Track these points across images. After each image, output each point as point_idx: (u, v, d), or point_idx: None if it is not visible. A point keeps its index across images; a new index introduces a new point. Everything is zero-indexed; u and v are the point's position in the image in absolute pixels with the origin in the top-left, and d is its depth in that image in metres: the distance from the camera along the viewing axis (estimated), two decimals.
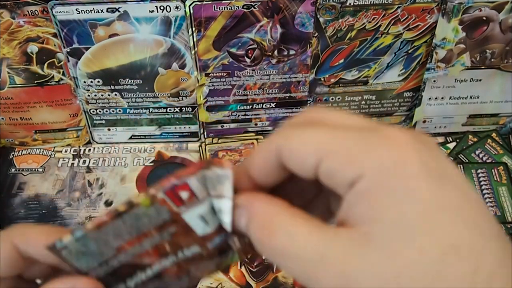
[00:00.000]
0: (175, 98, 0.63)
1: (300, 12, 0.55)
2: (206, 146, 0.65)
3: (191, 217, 0.22)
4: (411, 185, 0.17)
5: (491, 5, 0.55)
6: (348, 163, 0.18)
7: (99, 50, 0.58)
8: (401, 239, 0.17)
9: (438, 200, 0.17)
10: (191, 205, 0.22)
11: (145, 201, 0.21)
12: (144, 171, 0.64)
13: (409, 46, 0.59)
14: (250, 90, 0.63)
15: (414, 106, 0.65)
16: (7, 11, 0.54)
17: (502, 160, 0.62)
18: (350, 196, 0.18)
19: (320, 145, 0.19)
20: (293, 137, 0.20)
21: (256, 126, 0.67)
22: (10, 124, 0.65)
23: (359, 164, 0.18)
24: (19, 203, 0.61)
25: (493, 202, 0.58)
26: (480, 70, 0.60)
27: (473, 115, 0.65)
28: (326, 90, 0.63)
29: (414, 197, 0.17)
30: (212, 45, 0.58)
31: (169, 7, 0.54)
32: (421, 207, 0.17)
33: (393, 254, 0.16)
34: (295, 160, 0.20)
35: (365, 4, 0.55)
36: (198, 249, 0.23)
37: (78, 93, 0.62)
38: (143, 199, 0.21)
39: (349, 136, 0.19)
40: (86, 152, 0.67)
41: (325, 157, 0.19)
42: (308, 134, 0.20)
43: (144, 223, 0.22)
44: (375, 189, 0.17)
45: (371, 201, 0.17)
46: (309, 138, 0.20)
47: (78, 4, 0.54)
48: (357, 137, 0.19)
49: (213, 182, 0.21)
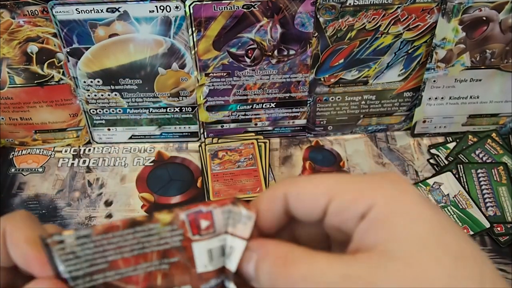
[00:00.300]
0: (175, 98, 0.63)
1: (300, 12, 0.55)
2: (206, 146, 0.65)
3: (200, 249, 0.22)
4: (417, 209, 0.20)
5: (491, 5, 0.55)
6: (358, 198, 0.21)
7: (99, 50, 0.58)
8: (417, 251, 0.19)
9: (440, 221, 0.20)
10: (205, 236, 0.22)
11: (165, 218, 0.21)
12: (144, 171, 0.64)
13: (409, 46, 0.59)
14: (250, 90, 0.63)
15: (414, 106, 0.65)
16: (7, 11, 0.54)
17: (502, 160, 0.62)
18: (363, 226, 0.21)
19: (330, 185, 0.22)
20: (300, 183, 0.23)
21: (256, 126, 0.67)
22: (10, 124, 0.65)
23: (370, 197, 0.21)
24: (19, 203, 0.61)
25: (493, 202, 0.58)
26: (480, 70, 0.60)
27: (473, 115, 0.65)
28: (326, 90, 0.63)
29: (422, 218, 0.20)
30: (212, 45, 0.58)
31: (169, 7, 0.54)
32: (429, 226, 0.20)
33: (412, 263, 0.19)
34: (304, 202, 0.22)
35: (365, 4, 0.55)
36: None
37: (78, 93, 0.62)
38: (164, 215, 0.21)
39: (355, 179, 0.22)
40: (86, 152, 0.67)
41: (336, 196, 0.21)
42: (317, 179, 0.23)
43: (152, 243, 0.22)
44: (387, 214, 0.20)
45: (384, 224, 0.20)
46: (319, 181, 0.22)
47: (78, 4, 0.54)
48: (361, 179, 0.22)
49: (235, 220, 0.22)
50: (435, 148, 0.65)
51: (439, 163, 0.64)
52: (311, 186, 0.22)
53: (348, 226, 0.21)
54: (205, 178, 0.62)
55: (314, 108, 0.65)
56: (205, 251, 0.22)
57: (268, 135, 0.68)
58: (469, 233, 0.56)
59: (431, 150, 0.65)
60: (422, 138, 0.68)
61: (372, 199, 0.21)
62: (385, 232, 0.20)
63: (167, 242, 0.22)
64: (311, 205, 0.22)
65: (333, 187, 0.22)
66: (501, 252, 0.55)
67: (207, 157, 0.64)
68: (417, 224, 0.20)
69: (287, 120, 0.67)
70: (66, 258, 0.21)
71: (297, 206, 0.23)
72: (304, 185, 0.23)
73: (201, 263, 0.22)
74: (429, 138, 0.68)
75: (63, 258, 0.21)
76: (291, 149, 0.67)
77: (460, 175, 0.61)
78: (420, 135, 0.68)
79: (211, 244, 0.22)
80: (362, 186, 0.21)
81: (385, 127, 0.68)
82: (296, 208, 0.23)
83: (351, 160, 0.65)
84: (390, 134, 0.69)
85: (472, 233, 0.56)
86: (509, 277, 0.52)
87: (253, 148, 0.65)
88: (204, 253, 0.22)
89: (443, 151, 0.65)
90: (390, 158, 0.65)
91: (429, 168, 0.64)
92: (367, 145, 0.67)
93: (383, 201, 0.21)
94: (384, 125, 0.68)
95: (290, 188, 0.23)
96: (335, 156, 0.66)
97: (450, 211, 0.58)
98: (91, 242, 0.21)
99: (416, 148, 0.67)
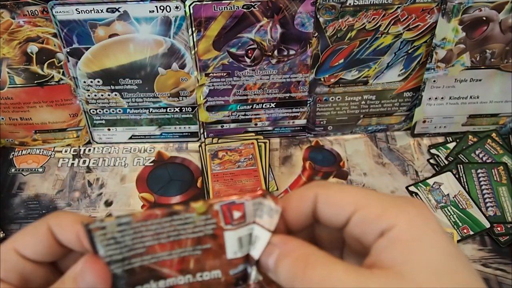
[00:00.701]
0: (175, 98, 0.63)
1: (300, 12, 0.55)
2: (206, 146, 0.65)
3: (231, 237, 0.24)
4: (435, 238, 0.22)
5: (491, 5, 0.55)
6: (383, 215, 0.22)
7: (99, 50, 0.58)
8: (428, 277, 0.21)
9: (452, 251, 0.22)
10: (237, 225, 0.24)
11: (201, 207, 0.23)
12: (144, 171, 0.64)
13: (409, 46, 0.59)
14: (250, 90, 0.63)
15: (414, 106, 0.65)
16: (7, 11, 0.54)
17: (502, 160, 0.62)
18: (382, 243, 0.22)
19: (358, 197, 0.23)
20: (332, 187, 0.24)
21: (256, 126, 0.67)
22: (10, 124, 0.65)
23: (393, 217, 0.22)
24: (19, 203, 0.61)
25: (493, 202, 0.58)
26: (480, 70, 0.60)
27: (473, 115, 0.65)
28: (326, 90, 0.63)
29: (437, 247, 0.22)
30: (212, 45, 0.58)
31: (169, 7, 0.54)
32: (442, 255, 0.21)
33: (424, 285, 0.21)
34: (332, 206, 0.24)
35: (365, 4, 0.55)
36: (219, 275, 0.24)
37: (78, 93, 0.62)
38: (200, 205, 0.23)
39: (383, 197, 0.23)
40: (86, 152, 0.67)
41: (361, 208, 0.23)
42: (347, 188, 0.24)
43: (187, 230, 0.23)
44: (407, 237, 0.22)
45: (403, 246, 0.21)
46: (350, 190, 0.24)
47: (78, 4, 0.54)
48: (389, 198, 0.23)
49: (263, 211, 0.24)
50: (435, 148, 0.65)
51: (439, 163, 0.64)
52: (342, 193, 0.24)
53: (366, 239, 0.23)
54: (205, 178, 0.62)
55: (314, 108, 0.65)
56: (236, 239, 0.24)
57: (268, 135, 0.68)
58: (469, 233, 0.56)
59: (431, 150, 0.65)
60: (422, 138, 0.68)
61: (394, 219, 0.22)
62: (402, 254, 0.21)
63: (201, 230, 0.23)
64: (337, 211, 0.23)
65: (361, 199, 0.23)
66: (501, 252, 0.55)
67: (207, 157, 0.64)
68: (432, 252, 0.21)
69: (287, 120, 0.67)
70: (107, 243, 0.22)
71: (324, 209, 0.24)
72: (335, 190, 0.24)
73: (231, 250, 0.24)
74: (429, 138, 0.68)
75: (104, 243, 0.22)
76: (291, 149, 0.67)
77: (460, 175, 0.61)
78: (420, 135, 0.68)
79: (241, 232, 0.24)
80: (388, 205, 0.23)
81: (385, 127, 0.68)
82: (323, 211, 0.24)
83: (351, 160, 0.65)
84: (390, 134, 0.69)
85: (472, 233, 0.56)
86: (509, 277, 0.52)
87: (253, 148, 0.65)
88: (235, 241, 0.24)
89: (443, 151, 0.65)
90: (390, 158, 0.65)
91: (429, 168, 0.64)
92: (367, 145, 0.67)
93: (404, 224, 0.22)
94: (384, 125, 0.68)
95: (321, 190, 0.24)
96: (335, 156, 0.66)
97: (450, 211, 0.58)
98: (131, 228, 0.23)
99: (416, 148, 0.67)
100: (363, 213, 0.23)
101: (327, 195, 0.24)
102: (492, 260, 0.54)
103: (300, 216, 0.25)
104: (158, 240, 0.23)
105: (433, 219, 0.23)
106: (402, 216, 0.22)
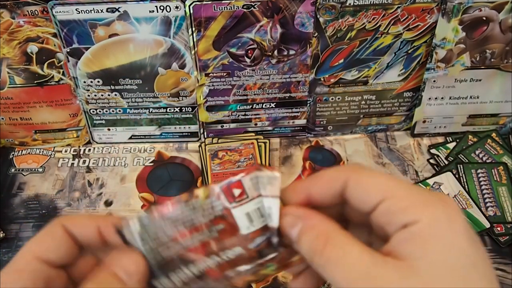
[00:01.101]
0: (175, 98, 0.63)
1: (300, 12, 0.55)
2: (206, 146, 0.65)
3: (239, 214, 0.25)
4: (457, 240, 0.22)
5: (491, 5, 0.55)
6: (408, 209, 0.22)
7: (99, 50, 0.58)
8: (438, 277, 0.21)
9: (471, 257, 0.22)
10: (240, 202, 0.25)
11: (204, 192, 0.25)
12: (144, 171, 0.64)
13: (409, 46, 0.59)
14: (250, 90, 0.63)
15: (414, 106, 0.65)
16: (7, 11, 0.54)
17: (502, 160, 0.62)
18: (402, 235, 0.22)
19: (386, 186, 0.23)
20: (364, 172, 0.24)
21: (256, 126, 0.67)
22: (10, 124, 0.65)
23: (418, 212, 0.22)
24: (19, 203, 0.61)
25: (493, 202, 0.58)
26: (480, 70, 0.60)
27: (473, 115, 0.65)
28: (326, 90, 0.63)
29: (457, 249, 0.21)
30: (212, 45, 0.58)
31: (169, 7, 0.54)
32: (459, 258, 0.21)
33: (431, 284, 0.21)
34: (360, 191, 0.24)
35: (365, 4, 0.55)
36: (240, 250, 0.25)
37: (78, 93, 0.62)
38: (201, 191, 0.25)
39: (411, 188, 0.23)
40: (86, 152, 0.67)
41: (389, 198, 0.23)
42: (378, 175, 0.24)
43: (198, 216, 0.25)
44: (428, 234, 0.22)
45: (421, 242, 0.22)
46: (378, 178, 0.24)
47: (78, 4, 0.54)
48: (418, 191, 0.23)
49: (264, 183, 0.25)
50: (435, 148, 0.65)
51: (439, 163, 0.64)
52: (371, 181, 0.24)
53: (389, 228, 0.23)
54: (205, 178, 0.62)
55: (314, 108, 0.65)
56: (244, 215, 0.25)
57: (268, 135, 0.68)
58: None
59: (431, 150, 0.65)
60: (422, 138, 0.68)
61: (419, 214, 0.22)
62: (419, 250, 0.21)
63: (210, 213, 0.25)
64: (365, 198, 0.24)
65: (390, 189, 0.23)
66: (501, 252, 0.55)
67: (207, 157, 0.64)
68: (449, 255, 0.21)
69: (287, 120, 0.67)
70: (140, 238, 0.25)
71: (353, 194, 0.24)
72: (367, 176, 0.24)
73: (243, 226, 0.25)
74: (429, 138, 0.68)
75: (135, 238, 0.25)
76: (291, 149, 0.67)
77: (460, 175, 0.61)
78: (420, 135, 0.68)
79: (248, 208, 0.25)
80: (415, 199, 0.23)
81: (385, 127, 0.68)
82: (352, 195, 0.24)
83: (351, 160, 0.65)
84: (390, 134, 0.69)
85: None
86: (509, 277, 0.53)
87: (253, 148, 0.65)
88: (243, 216, 0.25)
89: (443, 151, 0.65)
90: (390, 158, 0.65)
91: (429, 168, 0.64)
92: (367, 145, 0.67)
93: (428, 221, 0.22)
94: (384, 125, 0.68)
95: (353, 174, 0.24)
96: (335, 156, 0.66)
97: None
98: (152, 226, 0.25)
99: (416, 148, 0.67)
100: (390, 204, 0.23)
101: (357, 180, 0.24)
102: (492, 260, 0.54)
103: (328, 196, 0.25)
104: (177, 230, 0.25)
105: (459, 221, 0.22)
106: (428, 212, 0.22)
